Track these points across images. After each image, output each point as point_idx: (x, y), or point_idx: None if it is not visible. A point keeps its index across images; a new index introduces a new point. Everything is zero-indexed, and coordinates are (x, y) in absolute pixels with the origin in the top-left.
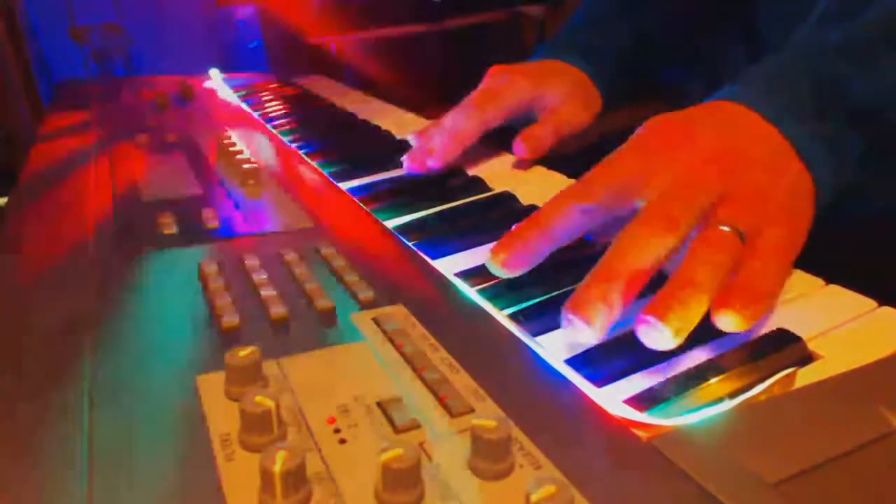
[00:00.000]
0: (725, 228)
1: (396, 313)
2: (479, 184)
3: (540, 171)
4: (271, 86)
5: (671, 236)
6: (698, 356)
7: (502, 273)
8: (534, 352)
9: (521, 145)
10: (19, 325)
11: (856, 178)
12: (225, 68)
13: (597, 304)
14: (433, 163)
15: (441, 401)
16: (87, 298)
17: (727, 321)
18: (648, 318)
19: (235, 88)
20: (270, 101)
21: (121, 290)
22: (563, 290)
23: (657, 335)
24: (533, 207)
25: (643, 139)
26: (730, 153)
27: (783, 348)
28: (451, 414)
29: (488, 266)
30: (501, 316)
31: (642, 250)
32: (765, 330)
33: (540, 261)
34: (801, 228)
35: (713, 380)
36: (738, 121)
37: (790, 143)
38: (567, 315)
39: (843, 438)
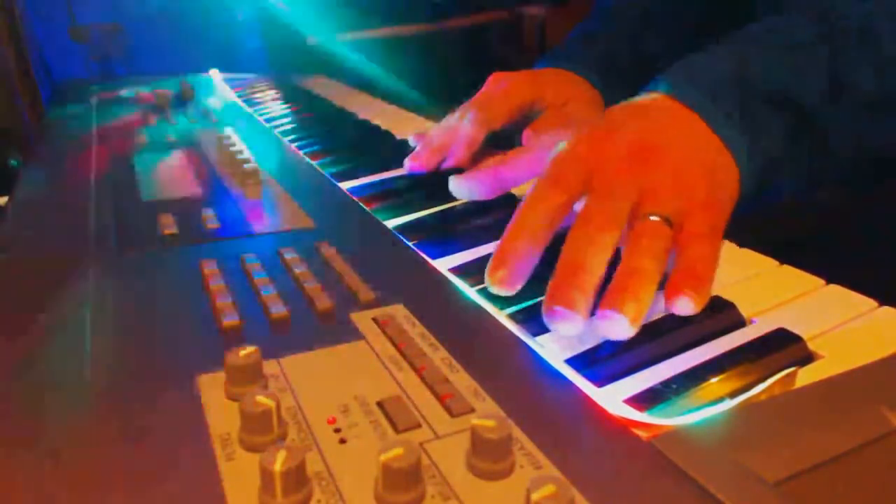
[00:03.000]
0: (654, 218)
1: (396, 313)
2: None
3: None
4: (271, 86)
5: (611, 232)
6: (699, 356)
7: (504, 292)
8: (534, 351)
9: (529, 133)
10: (19, 324)
11: (786, 156)
12: (225, 68)
13: (574, 293)
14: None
15: (441, 400)
16: (87, 298)
17: (682, 306)
18: (607, 312)
19: (236, 88)
20: (271, 100)
21: (121, 290)
22: None
23: (617, 326)
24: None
25: (582, 135)
26: (647, 146)
27: (784, 348)
28: (452, 414)
29: (490, 289)
30: (501, 315)
31: (592, 246)
32: (765, 330)
33: (533, 268)
34: (725, 208)
35: (713, 379)
36: (656, 111)
37: (706, 123)
38: (554, 308)
39: (844, 438)
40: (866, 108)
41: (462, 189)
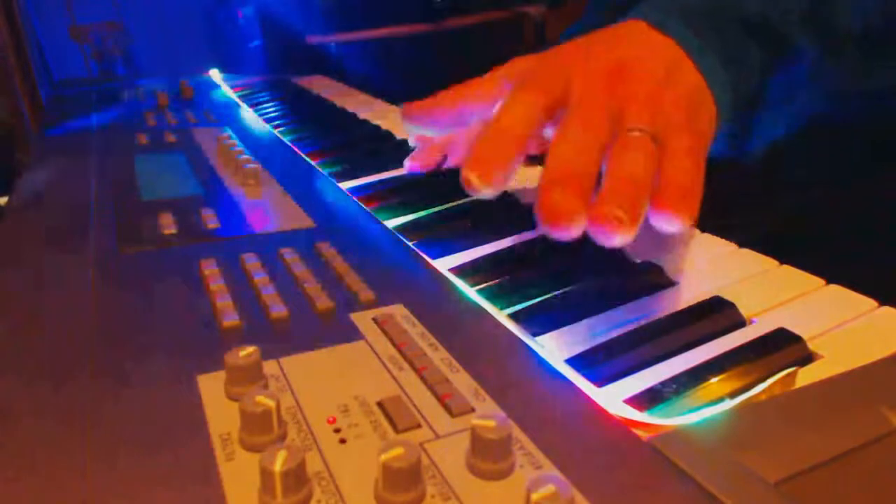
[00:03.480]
0: (636, 133)
1: (396, 313)
2: None
3: (540, 171)
4: (271, 85)
5: (596, 134)
6: (699, 356)
7: (485, 192)
8: (534, 351)
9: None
10: (19, 324)
11: (763, 89)
12: (225, 68)
13: (570, 202)
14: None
15: (441, 400)
16: (87, 298)
17: (668, 220)
18: (603, 210)
19: (236, 88)
20: (271, 100)
21: (121, 290)
22: (564, 290)
23: (611, 227)
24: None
25: (556, 50)
26: (624, 65)
27: (783, 348)
28: (452, 413)
29: (466, 188)
30: (502, 315)
31: (580, 148)
32: (765, 330)
33: (516, 167)
34: (705, 133)
35: (713, 379)
36: (634, 35)
37: (685, 52)
38: (552, 223)
39: (844, 438)
40: (845, 41)
41: (415, 122)
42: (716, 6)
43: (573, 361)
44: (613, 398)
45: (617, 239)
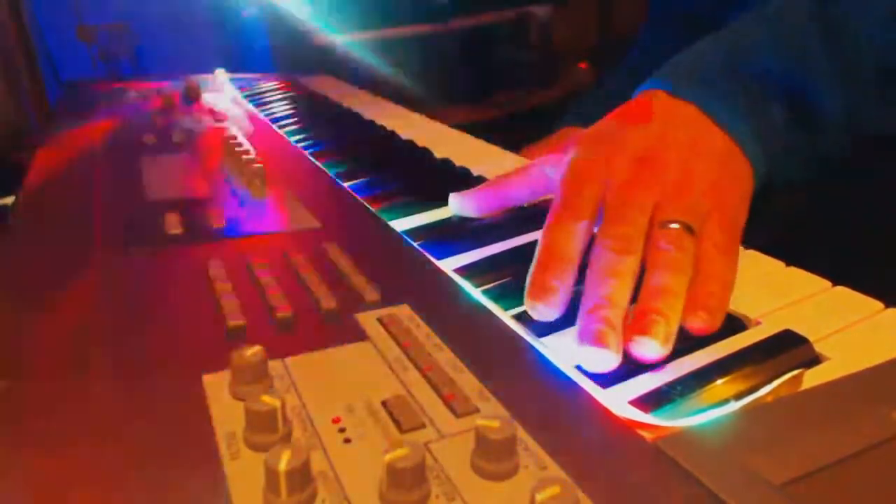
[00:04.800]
0: (674, 226)
1: (401, 313)
2: None
3: None
4: (277, 86)
5: (631, 255)
6: (704, 357)
7: (548, 316)
8: (539, 352)
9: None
10: (25, 323)
11: (790, 144)
12: (231, 68)
13: (605, 331)
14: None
15: (446, 401)
16: (93, 298)
17: (697, 326)
18: (636, 337)
19: (242, 88)
20: (276, 100)
21: (127, 289)
22: None
23: (649, 350)
24: (536, 208)
25: (584, 149)
26: (651, 153)
27: (790, 350)
28: (456, 414)
29: (532, 314)
30: (507, 316)
31: (615, 275)
32: (771, 331)
33: (573, 288)
34: (740, 206)
35: (719, 381)
36: (659, 111)
37: (710, 117)
38: (587, 348)
39: (851, 440)
40: (863, 83)
41: (462, 206)
42: (733, 63)
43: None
44: (618, 399)
45: (654, 357)
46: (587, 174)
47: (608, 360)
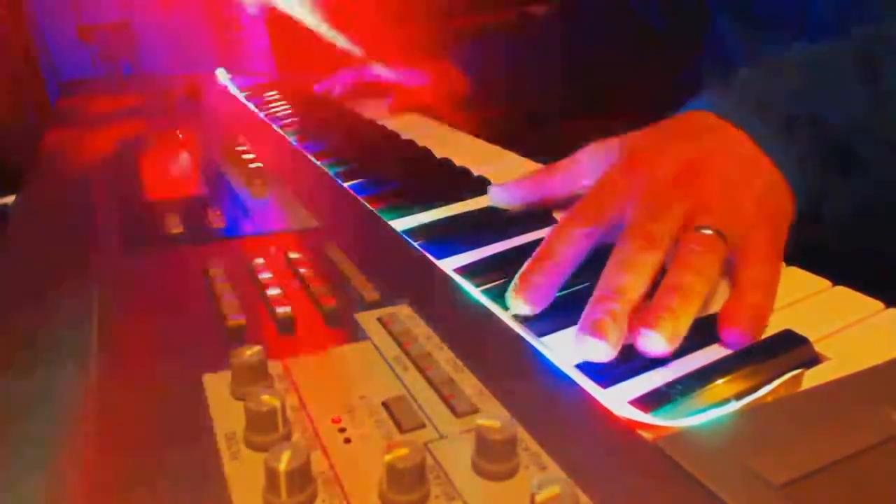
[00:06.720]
0: (706, 231)
1: (402, 313)
2: (484, 184)
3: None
4: (278, 85)
5: (653, 252)
6: (704, 357)
7: (526, 311)
8: (539, 352)
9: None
10: (25, 323)
11: (828, 179)
12: (232, 68)
13: (607, 322)
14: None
15: (446, 401)
16: (93, 297)
17: (733, 339)
18: (642, 329)
19: (242, 88)
20: (277, 100)
21: (127, 289)
22: (568, 290)
23: (653, 344)
24: (537, 208)
25: (623, 161)
26: (694, 164)
27: (790, 350)
28: (457, 414)
29: (511, 307)
30: (507, 316)
31: (631, 269)
32: (771, 331)
33: (557, 291)
34: (782, 227)
35: (719, 381)
36: (706, 129)
37: (760, 146)
38: (583, 337)
39: (851, 440)
40: None
41: (500, 197)
42: (784, 98)
43: (579, 362)
44: (619, 399)
45: (657, 352)
46: (613, 187)
47: (603, 352)
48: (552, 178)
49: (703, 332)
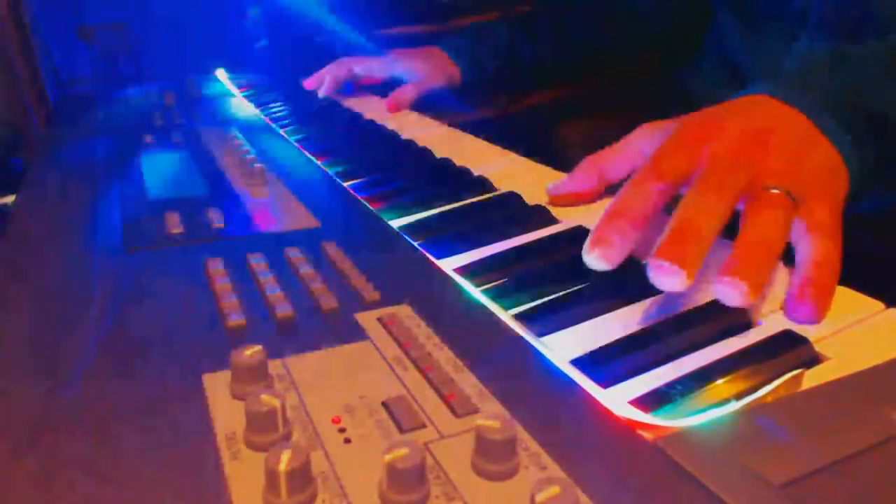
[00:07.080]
0: (774, 190)
1: (402, 313)
2: (484, 184)
3: (544, 170)
4: (278, 85)
5: (722, 200)
6: (705, 357)
7: (603, 266)
8: (539, 352)
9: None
10: (25, 322)
11: (868, 182)
12: (232, 67)
13: (685, 249)
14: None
15: (446, 401)
16: (93, 297)
17: (804, 317)
18: (726, 278)
19: (242, 88)
20: (277, 100)
21: (127, 288)
22: (568, 290)
23: (736, 294)
24: (538, 207)
25: (692, 126)
26: (766, 130)
27: (790, 350)
28: (456, 414)
29: (587, 262)
30: (507, 316)
31: (703, 212)
32: (771, 331)
33: (632, 247)
34: (841, 202)
35: (719, 381)
36: (768, 109)
37: (819, 129)
38: (661, 263)
39: (850, 440)
40: None
41: (560, 190)
42: (848, 92)
43: (578, 362)
44: (619, 399)
45: (739, 303)
46: (684, 146)
47: (679, 283)
48: (607, 161)
49: (703, 330)
